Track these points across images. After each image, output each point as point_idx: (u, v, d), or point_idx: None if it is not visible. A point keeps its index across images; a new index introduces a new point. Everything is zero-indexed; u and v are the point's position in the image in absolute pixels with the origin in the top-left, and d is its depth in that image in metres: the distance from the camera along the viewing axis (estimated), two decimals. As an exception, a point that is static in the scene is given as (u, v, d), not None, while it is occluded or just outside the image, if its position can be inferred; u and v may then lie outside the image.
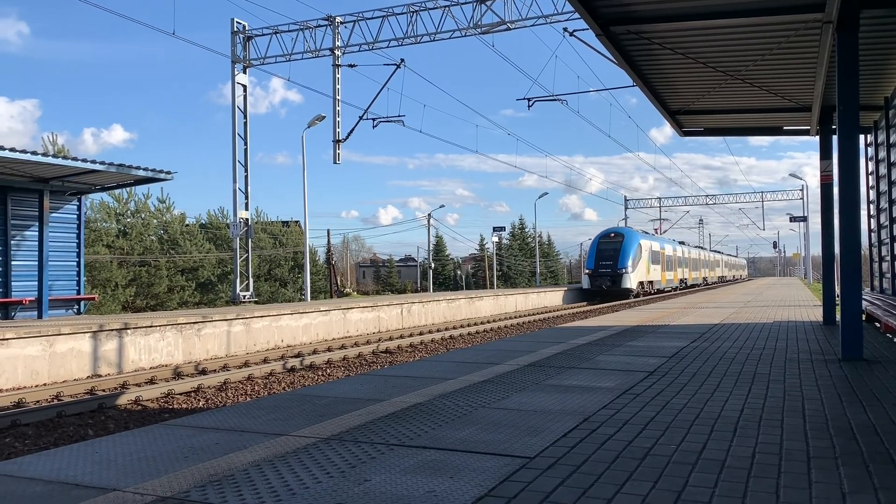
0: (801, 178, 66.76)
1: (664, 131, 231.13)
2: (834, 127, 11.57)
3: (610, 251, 42.28)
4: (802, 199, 63.03)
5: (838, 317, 11.79)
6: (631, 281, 41.25)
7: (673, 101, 11.80)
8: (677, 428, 4.37)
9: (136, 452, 3.93)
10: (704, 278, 68.49)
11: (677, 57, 9.27)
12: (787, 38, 8.46)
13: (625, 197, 72.99)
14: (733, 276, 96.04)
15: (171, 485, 3.28)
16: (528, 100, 27.92)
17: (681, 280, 56.77)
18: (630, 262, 41.54)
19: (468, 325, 23.57)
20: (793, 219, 60.90)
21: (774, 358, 7.78)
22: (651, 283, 46.50)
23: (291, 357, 15.40)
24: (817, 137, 12.16)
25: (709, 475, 3.34)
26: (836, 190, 8.57)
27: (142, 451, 3.97)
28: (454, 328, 22.54)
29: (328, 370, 13.85)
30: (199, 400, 10.98)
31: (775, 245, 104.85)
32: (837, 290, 10.41)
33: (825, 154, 11.69)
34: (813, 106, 11.30)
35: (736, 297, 25.04)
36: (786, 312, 15.72)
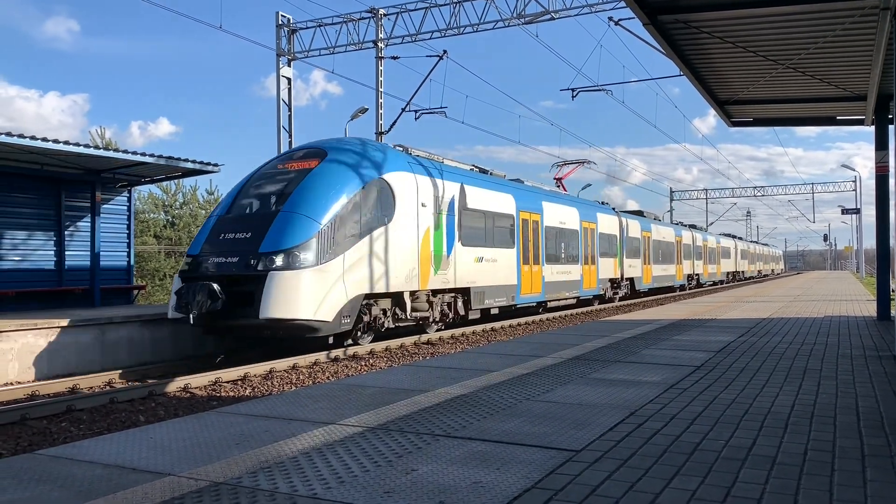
0: (853, 169, 64.21)
1: (707, 121, 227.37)
2: (891, 116, 11.27)
3: (265, 200, 13.93)
4: (855, 190, 61.39)
5: (893, 312, 11.48)
6: (305, 298, 12.24)
7: (721, 91, 11.58)
8: (726, 423, 4.31)
9: (189, 438, 4.03)
10: (691, 275, 44.63)
11: (726, 46, 9.08)
12: (841, 25, 8.22)
13: (670, 189, 71.78)
14: (759, 271, 75.73)
15: (223, 471, 3.36)
16: (573, 90, 27.58)
17: (610, 280, 29.05)
18: (317, 236, 12.64)
19: (509, 318, 23.50)
20: (845, 211, 59.25)
21: (826, 353, 7.61)
22: (466, 294, 18.44)
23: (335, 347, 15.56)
24: (872, 127, 11.83)
25: (759, 472, 3.29)
26: (892, 181, 8.34)
27: (194, 437, 4.07)
28: (495, 320, 22.52)
29: (371, 360, 13.96)
30: (245, 388, 11.18)
31: (826, 238, 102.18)
32: (893, 285, 10.12)
33: (881, 145, 11.37)
34: (868, 95, 10.98)
35: (784, 292, 24.56)
36: (837, 307, 15.32)
